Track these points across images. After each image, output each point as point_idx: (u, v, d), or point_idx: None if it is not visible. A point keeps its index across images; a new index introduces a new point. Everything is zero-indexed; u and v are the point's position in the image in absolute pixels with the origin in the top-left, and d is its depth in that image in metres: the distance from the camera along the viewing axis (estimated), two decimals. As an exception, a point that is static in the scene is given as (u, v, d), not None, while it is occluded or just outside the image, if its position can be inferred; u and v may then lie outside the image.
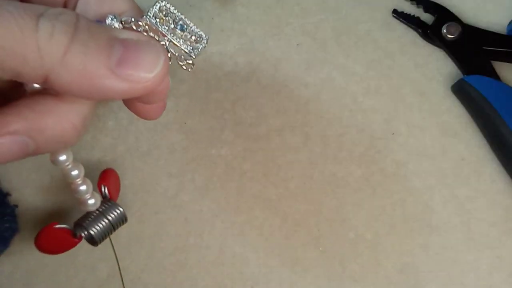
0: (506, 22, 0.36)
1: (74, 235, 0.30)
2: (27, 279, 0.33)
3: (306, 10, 0.37)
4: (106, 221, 0.29)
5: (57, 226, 0.30)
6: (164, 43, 0.23)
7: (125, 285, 0.33)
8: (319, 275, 0.33)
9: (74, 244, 0.30)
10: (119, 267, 0.33)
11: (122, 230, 0.33)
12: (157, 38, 0.23)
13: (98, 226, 0.29)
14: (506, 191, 0.33)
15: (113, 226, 0.30)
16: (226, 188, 0.34)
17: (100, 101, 0.23)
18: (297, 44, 0.36)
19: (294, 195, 0.34)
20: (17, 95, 0.23)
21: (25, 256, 0.33)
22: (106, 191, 0.30)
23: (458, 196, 0.34)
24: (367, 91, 0.35)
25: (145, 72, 0.22)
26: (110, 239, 0.31)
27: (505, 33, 0.35)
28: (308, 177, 0.34)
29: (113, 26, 0.23)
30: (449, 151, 0.34)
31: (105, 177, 0.31)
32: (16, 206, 0.33)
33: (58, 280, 0.33)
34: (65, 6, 0.25)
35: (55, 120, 0.23)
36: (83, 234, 0.29)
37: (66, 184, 0.27)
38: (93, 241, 0.29)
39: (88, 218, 0.29)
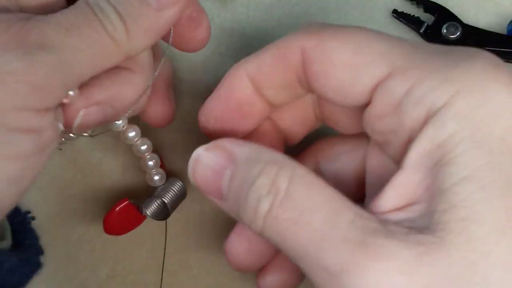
0: (506, 22, 0.36)
1: (140, 211, 0.31)
2: (27, 279, 0.33)
3: (306, 10, 0.37)
4: (173, 192, 0.31)
5: (130, 201, 0.31)
6: None
7: (125, 285, 0.33)
8: (319, 275, 0.33)
9: (140, 222, 0.31)
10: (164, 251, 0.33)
11: (122, 230, 0.33)
12: None
13: (168, 196, 0.31)
14: (506, 191, 0.33)
15: (179, 199, 0.32)
16: (226, 188, 0.34)
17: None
18: (297, 44, 0.36)
19: (294, 195, 0.34)
20: None
21: (25, 256, 0.33)
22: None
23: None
24: (367, 91, 0.35)
25: None
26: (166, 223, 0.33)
27: (505, 33, 0.35)
28: (308, 177, 0.34)
29: None
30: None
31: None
32: (33, 218, 0.33)
33: (58, 280, 0.33)
34: None
35: (131, 88, 0.26)
36: (154, 206, 0.31)
37: (67, 185, 0.27)
38: (166, 212, 0.31)
39: (156, 191, 0.31)
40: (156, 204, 0.32)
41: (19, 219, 0.32)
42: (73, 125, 0.25)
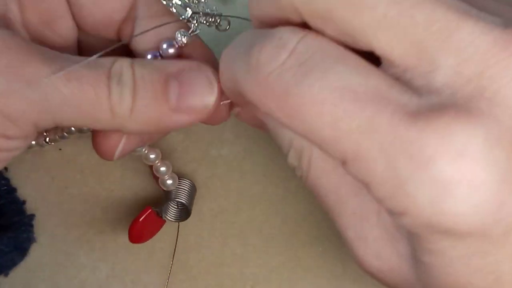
0: (506, 23, 0.36)
1: (160, 216, 0.32)
2: (27, 279, 0.33)
3: (306, 10, 0.37)
4: (187, 192, 0.32)
5: (153, 209, 0.31)
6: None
7: (125, 285, 0.33)
8: (319, 275, 0.33)
9: (160, 227, 0.32)
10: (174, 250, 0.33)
11: (121, 230, 0.33)
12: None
13: (184, 196, 0.32)
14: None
15: (192, 197, 0.32)
16: (226, 188, 0.34)
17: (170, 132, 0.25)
18: (297, 44, 0.36)
19: (294, 195, 0.34)
20: None
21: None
22: None
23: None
24: (367, 91, 0.35)
25: (204, 100, 0.23)
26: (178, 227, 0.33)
27: (505, 34, 0.35)
28: (308, 177, 0.34)
29: (181, 41, 0.24)
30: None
31: None
32: (33, 215, 0.33)
33: (58, 280, 0.33)
34: (119, 33, 0.26)
35: None
36: (174, 209, 0.32)
37: (67, 185, 0.27)
38: (186, 212, 0.32)
39: (171, 195, 0.32)
40: (176, 207, 0.33)
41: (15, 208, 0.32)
42: (116, 150, 0.24)
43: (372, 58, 0.18)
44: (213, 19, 0.26)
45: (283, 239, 0.33)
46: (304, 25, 0.18)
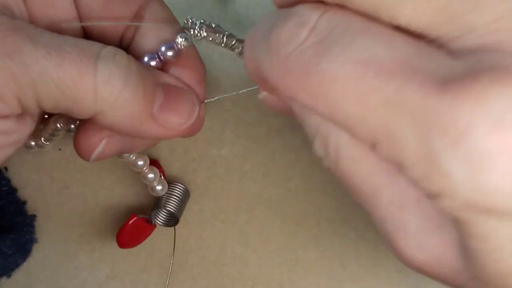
0: (506, 22, 0.36)
1: (149, 222, 0.32)
2: (27, 279, 0.33)
3: (306, 10, 0.37)
4: (178, 199, 0.32)
5: (139, 216, 0.31)
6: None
7: (125, 285, 0.33)
8: (319, 275, 0.33)
9: (151, 231, 0.32)
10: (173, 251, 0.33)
11: (122, 230, 0.33)
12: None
13: (173, 204, 0.32)
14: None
15: (183, 202, 0.32)
16: (226, 188, 0.34)
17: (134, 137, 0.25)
18: (297, 44, 0.36)
19: (294, 195, 0.34)
20: None
21: (25, 256, 0.33)
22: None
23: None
24: (367, 91, 0.35)
25: (182, 120, 0.23)
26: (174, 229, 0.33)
27: (505, 33, 0.35)
28: (308, 177, 0.34)
29: (181, 45, 0.24)
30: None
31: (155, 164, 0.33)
32: (35, 216, 0.33)
33: (58, 280, 0.33)
34: (121, 39, 0.26)
35: None
36: (162, 215, 0.32)
37: (67, 185, 0.27)
38: (175, 219, 0.32)
39: (161, 201, 0.32)
40: (163, 214, 0.32)
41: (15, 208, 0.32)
42: (94, 152, 0.24)
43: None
44: (224, 38, 0.26)
45: (283, 239, 0.33)
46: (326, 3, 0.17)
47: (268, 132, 0.35)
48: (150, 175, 0.30)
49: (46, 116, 0.29)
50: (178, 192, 0.32)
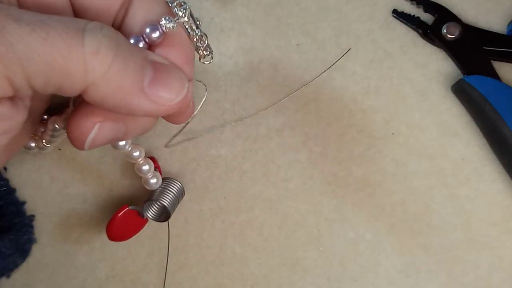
0: (506, 22, 0.36)
1: (141, 216, 0.32)
2: (27, 279, 0.33)
3: (306, 10, 0.37)
4: (171, 194, 0.32)
5: (130, 207, 0.31)
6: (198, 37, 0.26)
7: (124, 285, 0.33)
8: (319, 275, 0.33)
9: (142, 226, 0.32)
10: (168, 251, 0.33)
11: (122, 230, 0.33)
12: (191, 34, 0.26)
13: (167, 198, 0.31)
14: (506, 191, 0.33)
15: (177, 199, 0.32)
16: (226, 188, 0.34)
17: (125, 115, 0.25)
18: (297, 44, 0.36)
19: (294, 195, 0.34)
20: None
21: (25, 256, 0.33)
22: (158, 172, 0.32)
23: (458, 196, 0.33)
24: (367, 91, 0.35)
25: (173, 95, 0.23)
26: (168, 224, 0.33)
27: (505, 33, 0.35)
28: (308, 177, 0.34)
29: (165, 27, 0.24)
30: (449, 151, 0.34)
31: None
32: (33, 216, 0.33)
33: (58, 280, 0.33)
34: (114, 20, 0.26)
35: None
36: (154, 209, 0.32)
37: (66, 185, 0.27)
38: (167, 213, 0.32)
39: (154, 194, 0.31)
40: (155, 207, 0.32)
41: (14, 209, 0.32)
42: (87, 138, 0.24)
43: None
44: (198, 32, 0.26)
45: (283, 239, 0.33)
46: None
47: (268, 132, 0.35)
48: (145, 167, 0.30)
49: (45, 117, 0.29)
50: (173, 187, 0.32)
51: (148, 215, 0.32)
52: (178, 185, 0.32)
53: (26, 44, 0.20)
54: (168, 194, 0.31)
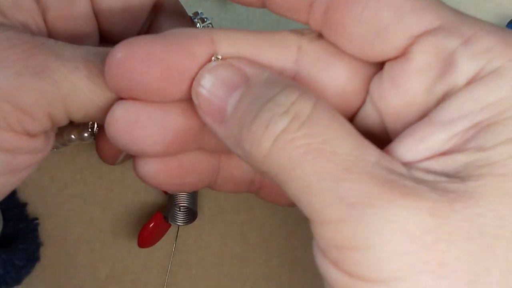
0: (505, 22, 0.36)
1: (166, 220, 0.32)
2: (26, 279, 0.33)
3: (306, 10, 0.37)
4: (189, 195, 0.32)
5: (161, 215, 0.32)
6: None
7: (125, 285, 0.33)
8: (319, 275, 0.33)
9: (166, 230, 0.33)
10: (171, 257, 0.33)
11: (121, 230, 0.33)
12: None
13: (189, 200, 0.32)
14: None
15: (196, 198, 0.33)
16: (226, 188, 0.34)
17: None
18: (297, 44, 0.36)
19: (294, 195, 0.34)
20: None
21: (25, 256, 0.33)
22: None
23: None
24: (367, 91, 0.35)
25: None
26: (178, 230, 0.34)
27: (505, 33, 0.35)
28: (308, 177, 0.34)
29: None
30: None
31: None
32: (37, 219, 0.33)
33: (58, 280, 0.33)
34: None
35: None
36: (182, 213, 0.33)
37: (66, 185, 0.27)
38: (193, 214, 0.32)
39: (176, 198, 0.32)
40: (183, 211, 0.33)
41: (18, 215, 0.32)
42: (119, 157, 0.24)
43: None
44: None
45: (283, 239, 0.33)
46: None
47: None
48: None
49: None
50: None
51: (176, 221, 0.32)
52: None
53: (70, 82, 0.20)
54: (189, 196, 0.32)
